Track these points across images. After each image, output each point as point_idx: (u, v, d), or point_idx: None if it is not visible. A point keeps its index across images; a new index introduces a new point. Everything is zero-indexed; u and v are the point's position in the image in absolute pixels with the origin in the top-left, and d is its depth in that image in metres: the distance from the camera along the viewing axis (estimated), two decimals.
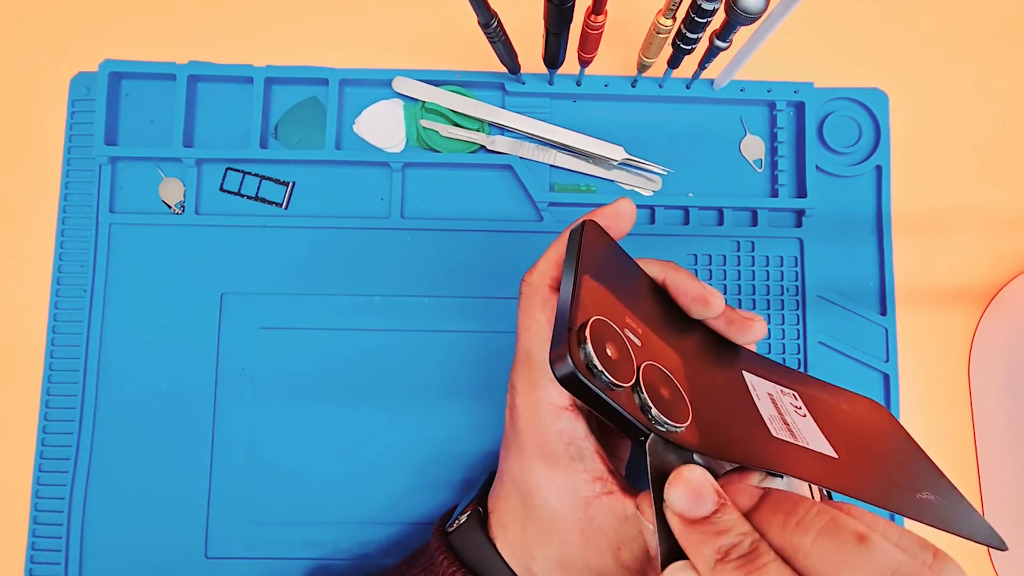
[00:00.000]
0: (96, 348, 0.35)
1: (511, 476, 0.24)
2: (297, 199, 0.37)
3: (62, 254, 0.36)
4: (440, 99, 0.37)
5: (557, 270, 0.24)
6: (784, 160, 0.38)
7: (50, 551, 0.34)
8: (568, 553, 0.22)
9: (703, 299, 0.24)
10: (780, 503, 0.17)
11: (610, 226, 0.24)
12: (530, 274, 0.25)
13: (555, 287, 0.24)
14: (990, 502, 0.36)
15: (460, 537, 0.25)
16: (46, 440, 0.35)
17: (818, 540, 0.16)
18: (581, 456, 0.22)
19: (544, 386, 0.23)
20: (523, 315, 0.24)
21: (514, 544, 0.24)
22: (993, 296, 0.38)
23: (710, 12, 0.28)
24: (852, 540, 0.15)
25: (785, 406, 0.24)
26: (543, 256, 0.25)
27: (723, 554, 0.16)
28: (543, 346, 0.23)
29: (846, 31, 0.40)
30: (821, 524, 0.16)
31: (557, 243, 0.25)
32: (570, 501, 0.22)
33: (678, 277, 0.24)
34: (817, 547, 0.16)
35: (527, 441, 0.23)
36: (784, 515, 0.17)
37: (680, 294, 0.24)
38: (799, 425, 0.23)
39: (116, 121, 0.38)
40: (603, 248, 0.23)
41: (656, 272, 0.25)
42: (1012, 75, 0.40)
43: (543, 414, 0.22)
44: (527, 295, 0.24)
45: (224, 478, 0.35)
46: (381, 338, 0.36)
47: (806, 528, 0.16)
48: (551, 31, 0.30)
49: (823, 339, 0.37)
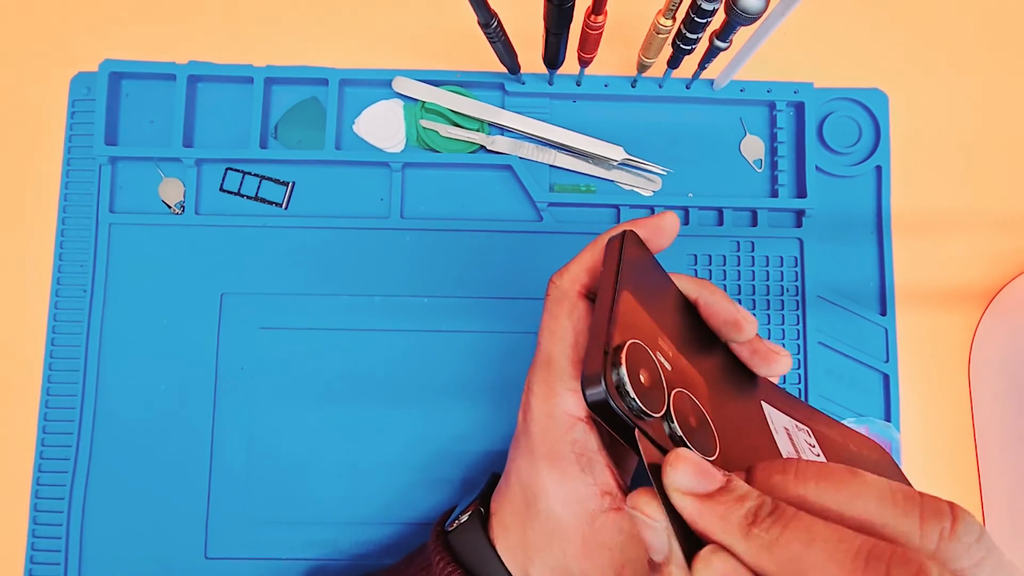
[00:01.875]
0: (96, 348, 0.35)
1: (518, 477, 0.24)
2: (297, 199, 0.37)
3: (62, 254, 0.36)
4: (440, 99, 0.37)
5: (588, 276, 0.24)
6: (784, 160, 0.38)
7: (50, 551, 0.34)
8: (567, 563, 0.22)
9: (736, 323, 0.23)
10: (770, 467, 0.17)
11: (650, 239, 0.24)
12: (560, 276, 0.24)
13: (585, 294, 0.24)
14: (990, 502, 0.36)
15: (459, 537, 0.25)
16: (46, 440, 0.35)
17: (819, 484, 0.16)
18: (592, 468, 0.22)
19: (561, 394, 0.22)
20: (548, 318, 0.24)
21: (514, 547, 0.24)
22: (993, 296, 0.38)
23: (710, 12, 0.28)
24: (847, 475, 0.16)
25: (800, 443, 0.23)
26: (576, 259, 0.24)
27: (752, 516, 0.15)
28: (565, 353, 0.23)
29: (846, 31, 0.40)
30: (814, 471, 0.16)
31: (591, 248, 0.24)
32: (575, 511, 0.22)
33: (713, 298, 0.24)
34: (821, 490, 0.16)
35: (538, 446, 0.23)
36: (780, 474, 0.17)
37: (712, 315, 0.24)
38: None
39: (116, 121, 0.38)
40: (641, 261, 0.22)
41: (690, 290, 0.24)
42: (1012, 75, 0.40)
43: (557, 422, 0.22)
44: (555, 298, 0.24)
45: (224, 478, 0.35)
46: (381, 338, 0.36)
47: (803, 477, 0.16)
48: (551, 31, 0.30)
49: (823, 339, 0.37)
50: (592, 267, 0.24)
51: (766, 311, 0.37)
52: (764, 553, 0.15)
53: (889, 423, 0.36)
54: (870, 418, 0.36)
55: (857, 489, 0.16)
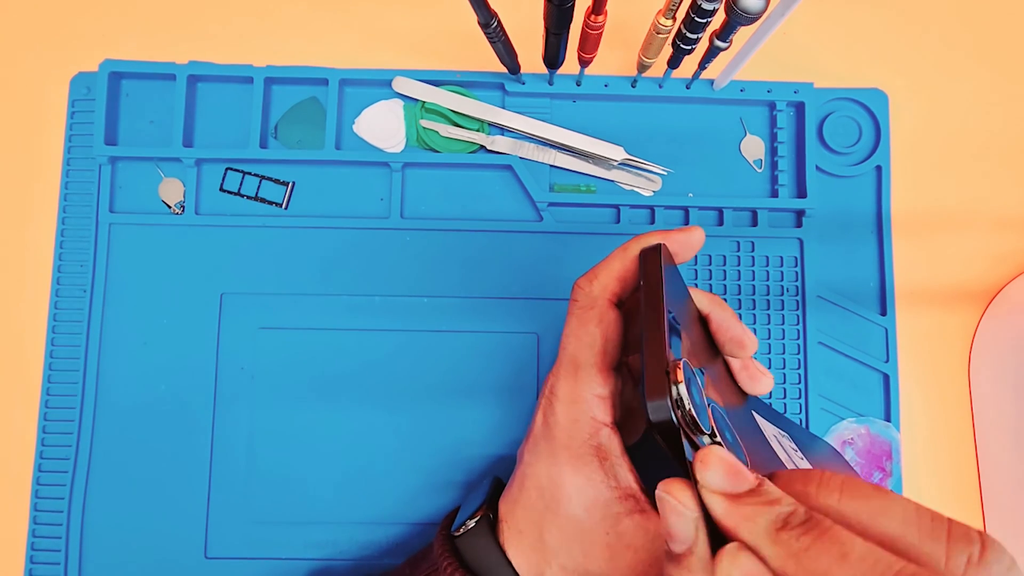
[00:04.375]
0: (96, 348, 0.35)
1: (535, 482, 0.24)
2: (297, 199, 0.37)
3: (62, 254, 0.36)
4: (440, 99, 0.37)
5: (619, 285, 0.24)
6: (784, 160, 0.38)
7: (50, 551, 0.34)
8: (589, 565, 0.22)
9: (741, 343, 0.25)
10: (795, 475, 0.17)
11: (677, 252, 0.24)
12: (588, 283, 0.24)
13: (615, 302, 0.24)
14: (990, 502, 0.36)
15: (467, 542, 0.25)
16: (46, 440, 0.35)
17: (843, 498, 0.16)
18: (616, 473, 0.22)
19: (588, 399, 0.23)
20: (576, 323, 0.24)
21: (527, 551, 0.24)
22: (993, 296, 0.38)
23: (710, 12, 0.28)
24: (872, 491, 0.16)
25: (789, 451, 0.24)
26: (604, 266, 0.24)
27: (783, 522, 0.15)
28: (592, 359, 0.23)
29: (846, 31, 0.40)
30: (840, 482, 0.16)
31: (621, 256, 0.24)
32: (600, 515, 0.22)
33: (724, 315, 0.25)
34: (845, 503, 0.16)
35: (561, 449, 0.23)
36: (803, 484, 0.17)
37: (720, 331, 0.25)
38: (802, 466, 0.24)
39: (116, 121, 0.38)
40: (671, 274, 0.23)
41: (704, 305, 0.25)
42: (1012, 75, 0.40)
43: (583, 426, 0.23)
44: (583, 304, 0.24)
45: (224, 478, 0.35)
46: (381, 338, 0.36)
47: (829, 490, 0.16)
48: (551, 31, 0.30)
49: (823, 339, 0.37)
50: (622, 276, 0.24)
51: (766, 311, 0.37)
52: (791, 561, 0.15)
53: (889, 423, 0.36)
54: (870, 418, 0.36)
55: (882, 505, 0.15)
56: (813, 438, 0.31)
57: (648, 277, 0.21)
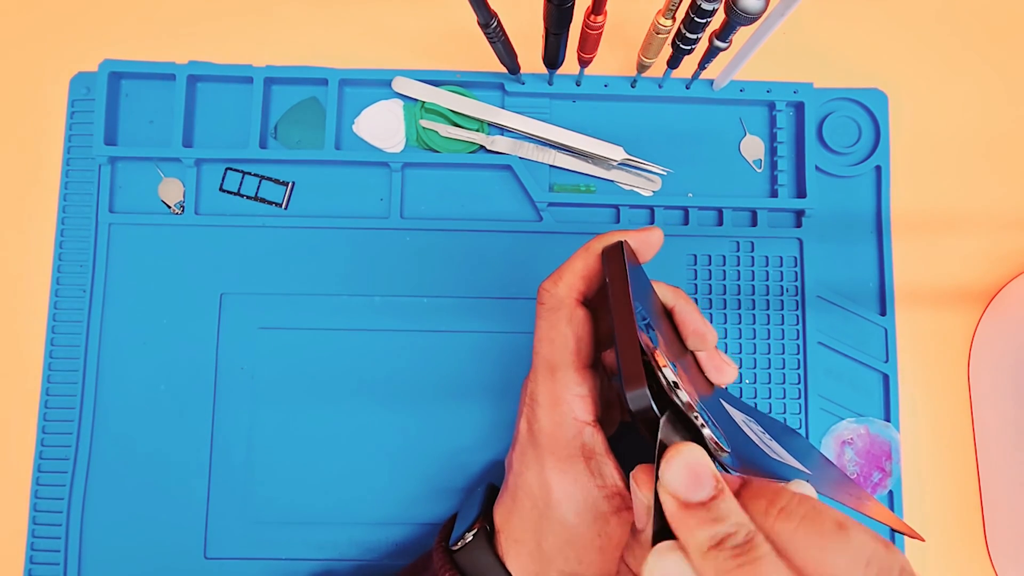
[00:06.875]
0: (96, 348, 0.35)
1: (527, 491, 0.24)
2: (297, 199, 0.37)
3: (62, 254, 0.36)
4: (440, 99, 0.37)
5: (584, 284, 0.24)
6: (784, 160, 0.38)
7: (50, 551, 0.34)
8: (584, 569, 0.22)
9: (702, 335, 0.25)
10: (763, 489, 0.17)
11: (638, 250, 0.25)
12: (553, 284, 0.24)
13: (581, 301, 0.24)
14: (990, 502, 0.36)
15: (465, 556, 0.25)
16: (46, 440, 0.35)
17: (801, 526, 0.16)
18: (601, 472, 0.22)
19: (569, 400, 0.23)
20: (546, 326, 0.24)
21: (526, 560, 0.24)
22: (993, 296, 0.38)
23: (710, 12, 0.28)
24: (833, 527, 0.16)
25: (756, 432, 0.25)
26: (567, 267, 0.24)
27: (717, 542, 0.16)
28: (568, 360, 0.23)
29: (846, 31, 0.40)
30: (803, 512, 0.16)
31: (583, 256, 0.24)
32: (591, 517, 0.22)
33: (687, 308, 0.25)
34: (799, 533, 0.16)
35: (548, 455, 0.23)
36: (767, 501, 0.17)
37: (683, 324, 0.25)
38: (772, 446, 0.24)
39: (116, 121, 0.38)
40: (635, 270, 0.23)
41: (668, 298, 0.26)
42: (1012, 75, 0.40)
43: (567, 428, 0.23)
44: (551, 306, 0.24)
45: (223, 478, 0.35)
46: (381, 338, 0.36)
47: (788, 514, 0.16)
48: (551, 31, 0.30)
49: (823, 339, 0.37)
50: (586, 275, 0.24)
51: (766, 311, 0.37)
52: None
53: (889, 423, 0.36)
54: (870, 418, 0.36)
55: (837, 547, 0.15)
56: (788, 431, 0.31)
57: (613, 273, 0.22)
